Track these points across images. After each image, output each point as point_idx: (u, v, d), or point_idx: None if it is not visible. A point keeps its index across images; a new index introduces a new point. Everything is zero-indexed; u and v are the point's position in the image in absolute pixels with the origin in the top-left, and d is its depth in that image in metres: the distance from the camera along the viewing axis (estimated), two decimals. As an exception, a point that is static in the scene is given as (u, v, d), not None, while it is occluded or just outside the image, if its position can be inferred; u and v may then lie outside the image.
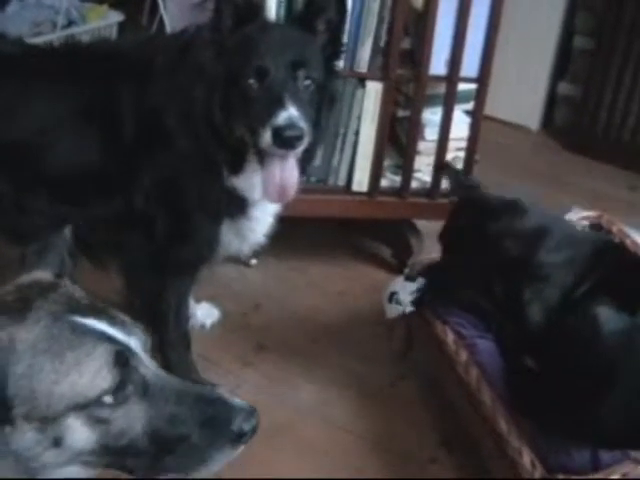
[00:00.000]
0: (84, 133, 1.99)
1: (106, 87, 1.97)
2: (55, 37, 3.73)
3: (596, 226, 2.51)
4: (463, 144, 2.79)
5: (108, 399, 1.10)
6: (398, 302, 2.38)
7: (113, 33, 4.13)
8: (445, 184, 2.74)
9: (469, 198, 2.21)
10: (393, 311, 2.40)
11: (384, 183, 2.79)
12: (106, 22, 4.06)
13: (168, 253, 2.07)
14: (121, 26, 4.17)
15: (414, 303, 2.34)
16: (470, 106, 2.78)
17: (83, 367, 1.09)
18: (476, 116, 2.74)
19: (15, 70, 2.04)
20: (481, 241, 2.08)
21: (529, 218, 2.10)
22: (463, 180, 2.33)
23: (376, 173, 2.71)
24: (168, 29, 3.93)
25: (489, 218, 2.07)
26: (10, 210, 2.05)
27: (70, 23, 3.91)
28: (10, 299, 1.15)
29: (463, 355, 2.13)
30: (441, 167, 2.70)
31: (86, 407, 1.09)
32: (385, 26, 2.55)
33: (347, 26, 2.49)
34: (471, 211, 2.15)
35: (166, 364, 2.15)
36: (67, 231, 1.32)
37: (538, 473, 1.83)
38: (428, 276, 2.31)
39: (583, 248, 2.11)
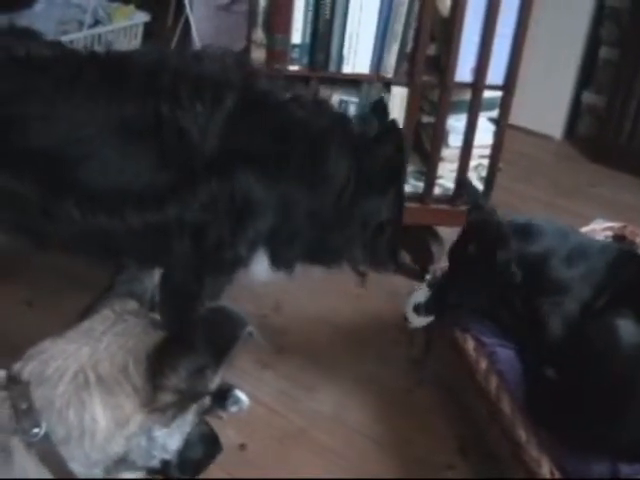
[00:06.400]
0: (135, 148, 1.97)
1: (166, 104, 1.96)
2: (82, 36, 3.77)
3: (620, 237, 2.49)
4: (487, 152, 2.78)
5: None
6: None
7: (139, 33, 4.16)
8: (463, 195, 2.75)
9: (480, 222, 2.20)
10: (419, 321, 2.38)
11: (407, 189, 2.77)
12: (132, 22, 4.09)
13: (212, 255, 2.09)
14: (147, 26, 4.20)
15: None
16: (495, 114, 2.77)
17: None
18: (501, 124, 2.73)
19: (52, 74, 1.98)
20: (489, 267, 2.08)
21: (537, 241, 2.10)
22: (479, 201, 2.32)
23: (399, 178, 2.70)
24: (194, 30, 3.96)
25: (498, 245, 2.06)
26: (35, 214, 2.05)
27: (96, 22, 3.95)
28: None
29: (483, 363, 2.12)
30: (461, 184, 2.70)
31: None
32: (412, 32, 2.55)
33: (374, 30, 2.53)
34: (481, 236, 2.14)
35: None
36: (156, 272, 1.38)
37: (557, 484, 1.83)
38: (434, 294, 2.30)
39: (600, 259, 2.10)
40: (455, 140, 2.78)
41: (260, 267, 2.20)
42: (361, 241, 2.27)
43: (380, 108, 2.31)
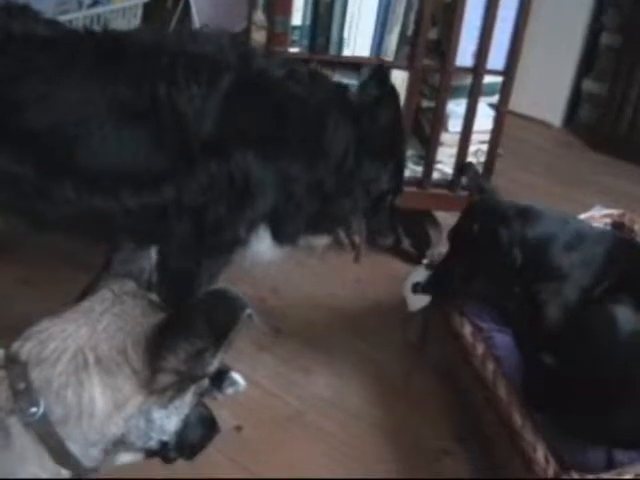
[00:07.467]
0: (131, 130, 1.97)
1: (162, 86, 1.95)
2: (81, 16, 3.74)
3: (618, 224, 2.50)
4: (486, 137, 2.78)
5: None
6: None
7: (138, 13, 4.13)
8: (465, 180, 2.74)
9: (483, 202, 2.20)
10: (418, 302, 2.38)
11: (406, 173, 2.77)
12: (132, 2, 4.06)
13: (210, 236, 2.09)
14: (146, 7, 4.17)
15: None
16: (495, 99, 2.76)
17: None
18: (500, 109, 2.72)
19: (49, 54, 1.97)
20: (491, 247, 2.07)
21: (539, 224, 2.10)
22: (481, 183, 2.32)
23: (398, 163, 2.70)
24: (194, 11, 3.93)
25: (501, 224, 2.06)
26: (30, 194, 2.04)
27: (96, 2, 3.91)
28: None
29: (480, 348, 2.13)
30: (462, 167, 2.69)
31: None
32: (413, 15, 2.54)
33: (375, 13, 2.52)
34: (484, 216, 2.14)
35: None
36: (153, 249, 1.36)
37: (552, 469, 1.83)
38: (434, 276, 2.30)
39: (598, 246, 2.10)
40: (455, 125, 2.78)
41: (262, 246, 2.20)
42: (362, 209, 2.28)
43: (379, 75, 2.28)
